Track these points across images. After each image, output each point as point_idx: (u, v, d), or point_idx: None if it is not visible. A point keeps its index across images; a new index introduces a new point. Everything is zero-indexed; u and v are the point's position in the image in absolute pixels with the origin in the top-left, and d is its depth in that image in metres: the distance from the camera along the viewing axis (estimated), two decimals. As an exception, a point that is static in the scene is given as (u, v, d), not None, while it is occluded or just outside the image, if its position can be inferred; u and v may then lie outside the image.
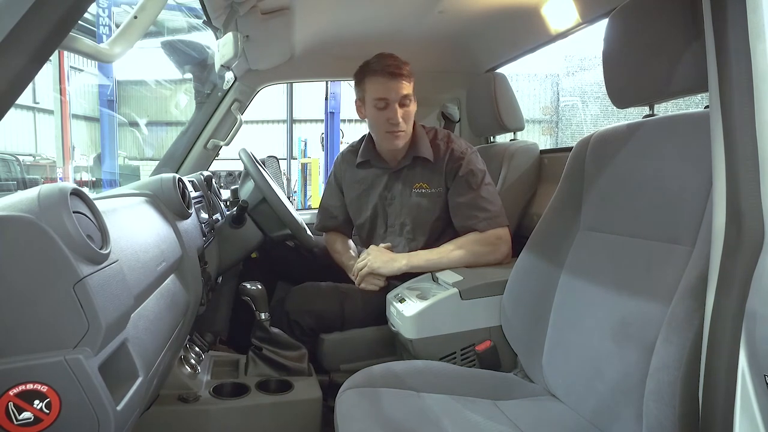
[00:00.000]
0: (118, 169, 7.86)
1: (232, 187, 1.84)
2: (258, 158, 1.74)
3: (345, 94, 6.86)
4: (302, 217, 1.77)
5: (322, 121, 7.19)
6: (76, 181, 7.91)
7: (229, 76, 2.06)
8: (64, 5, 0.62)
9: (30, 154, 10.41)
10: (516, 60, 2.14)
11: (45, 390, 0.57)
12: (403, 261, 1.51)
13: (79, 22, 0.68)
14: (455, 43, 2.06)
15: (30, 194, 0.61)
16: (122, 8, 6.73)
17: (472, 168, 1.55)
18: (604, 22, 1.06)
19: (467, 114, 2.17)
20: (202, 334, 1.56)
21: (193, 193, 1.42)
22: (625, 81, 1.03)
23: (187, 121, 2.19)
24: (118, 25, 0.84)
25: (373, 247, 1.57)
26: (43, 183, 0.83)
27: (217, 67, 1.55)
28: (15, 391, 0.56)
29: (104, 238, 0.69)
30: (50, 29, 0.61)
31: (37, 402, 0.57)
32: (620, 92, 1.05)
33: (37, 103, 10.53)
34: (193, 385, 1.26)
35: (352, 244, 1.81)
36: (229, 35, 1.43)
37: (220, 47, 1.47)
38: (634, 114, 1.13)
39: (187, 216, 1.24)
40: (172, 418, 1.20)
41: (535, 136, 11.98)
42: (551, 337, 1.13)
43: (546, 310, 1.15)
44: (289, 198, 5.21)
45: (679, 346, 0.76)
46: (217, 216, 1.71)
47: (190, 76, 2.27)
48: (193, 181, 1.54)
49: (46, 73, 7.11)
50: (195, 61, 2.23)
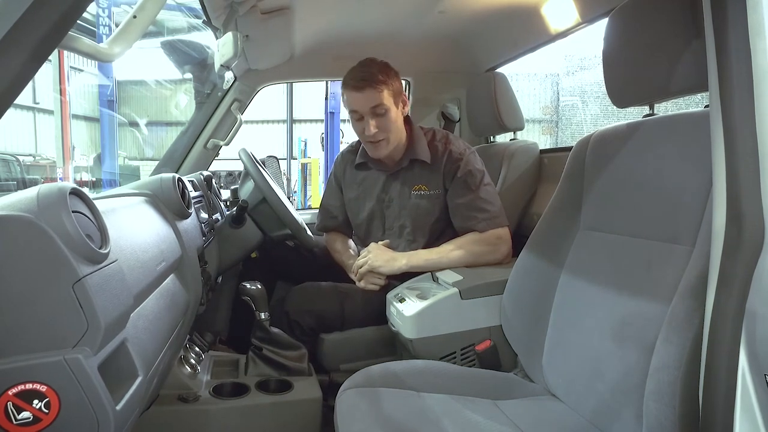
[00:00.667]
0: (118, 169, 7.86)
1: (232, 187, 1.84)
2: (258, 158, 1.74)
3: (345, 94, 6.83)
4: (302, 217, 1.77)
5: (322, 121, 7.18)
6: (76, 181, 7.91)
7: (229, 75, 2.06)
8: (64, 5, 0.62)
9: (30, 154, 10.41)
10: (516, 60, 2.14)
11: (44, 390, 0.57)
12: (403, 260, 1.50)
13: (78, 21, 0.68)
14: (455, 43, 2.06)
15: (29, 194, 0.61)
16: (122, 8, 6.73)
17: (470, 169, 1.54)
18: (604, 22, 1.06)
19: (467, 114, 2.17)
20: (202, 334, 1.56)
21: (193, 193, 1.42)
22: (625, 80, 1.03)
23: (187, 121, 2.19)
24: (117, 25, 0.84)
25: (373, 245, 1.57)
26: (43, 183, 0.83)
27: (217, 66, 1.55)
28: (14, 390, 0.56)
29: (104, 237, 0.69)
30: (49, 28, 0.61)
31: (36, 402, 0.57)
32: (620, 92, 1.05)
33: (37, 103, 10.54)
34: (193, 385, 1.26)
35: (352, 244, 1.81)
36: (229, 35, 1.43)
37: (220, 47, 1.47)
38: (634, 114, 1.13)
39: (187, 216, 1.24)
40: (171, 418, 1.20)
41: (535, 136, 12.00)
42: (551, 337, 1.13)
43: (546, 310, 1.15)
44: (289, 198, 5.21)
45: (679, 346, 0.76)
46: (217, 216, 1.71)
47: (190, 76, 2.27)
48: (192, 181, 1.54)
49: (46, 73, 7.11)
50: (195, 61, 2.23)
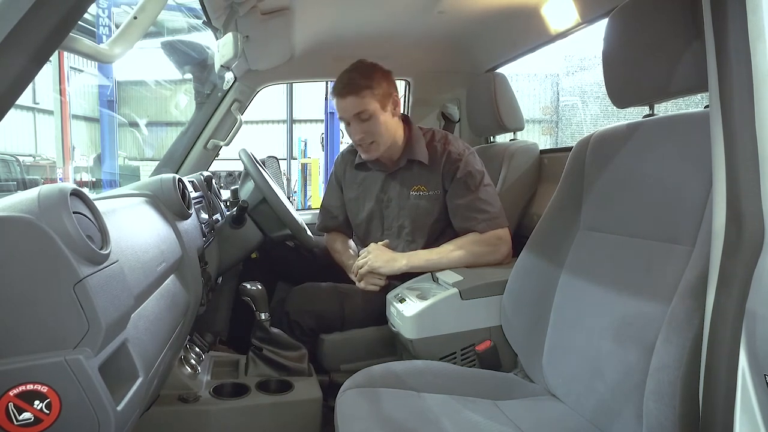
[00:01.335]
0: (118, 169, 7.86)
1: (232, 188, 1.84)
2: (258, 158, 1.74)
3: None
4: (302, 217, 1.77)
5: (322, 121, 7.19)
6: (76, 182, 7.90)
7: (229, 76, 2.06)
8: (64, 6, 0.62)
9: (30, 155, 10.40)
10: (516, 60, 2.14)
11: (45, 390, 0.57)
12: (404, 261, 1.50)
13: (78, 22, 0.68)
14: (455, 43, 2.06)
15: (30, 195, 0.61)
16: (122, 8, 6.74)
17: (470, 170, 1.54)
18: (604, 22, 1.06)
19: (467, 114, 2.17)
20: (202, 335, 1.56)
21: (193, 194, 1.42)
22: (625, 81, 1.03)
23: (187, 121, 2.19)
24: (117, 26, 0.84)
25: (373, 245, 1.57)
26: (43, 183, 0.83)
27: (217, 67, 1.55)
28: (15, 391, 0.56)
29: (104, 238, 0.69)
30: (50, 30, 0.61)
31: (37, 402, 0.57)
32: (620, 92, 1.05)
33: (37, 104, 10.53)
34: (193, 386, 1.26)
35: (352, 244, 1.81)
36: (229, 35, 1.43)
37: (220, 47, 1.47)
38: (634, 114, 1.13)
39: (187, 216, 1.24)
40: (172, 419, 1.20)
41: (535, 136, 11.99)
42: (551, 337, 1.13)
43: (546, 310, 1.15)
44: (289, 198, 5.21)
45: (679, 346, 0.76)
46: (217, 216, 1.71)
47: (190, 76, 2.27)
48: (193, 182, 1.54)
49: (46, 74, 7.11)
50: (195, 62, 2.22)
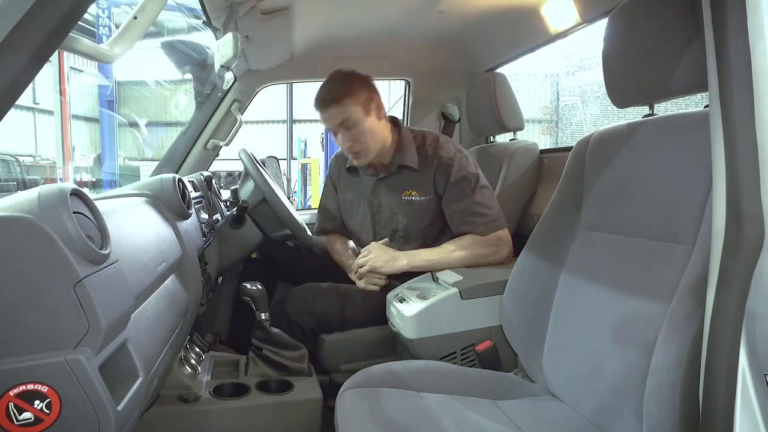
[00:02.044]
0: (118, 169, 7.87)
1: (232, 188, 1.84)
2: (258, 158, 1.74)
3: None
4: (302, 217, 1.78)
5: (322, 121, 7.17)
6: (76, 182, 7.90)
7: (229, 76, 2.06)
8: (64, 6, 0.62)
9: (30, 155, 10.40)
10: (516, 60, 2.14)
11: (45, 390, 0.57)
12: (404, 260, 1.50)
13: (78, 22, 0.68)
14: (455, 43, 2.06)
15: (30, 195, 0.61)
16: (122, 9, 6.75)
17: (464, 174, 1.52)
18: (604, 22, 1.06)
19: (467, 114, 2.17)
20: (203, 335, 1.57)
21: (193, 194, 1.43)
22: (624, 81, 1.03)
23: (187, 121, 2.19)
24: (117, 26, 0.84)
25: (374, 244, 1.56)
26: (43, 183, 0.83)
27: (217, 67, 1.55)
28: (15, 391, 0.56)
29: (104, 238, 0.69)
30: (50, 30, 0.61)
31: (37, 402, 0.57)
32: (620, 92, 1.05)
33: (37, 104, 10.52)
34: (194, 386, 1.27)
35: (351, 244, 1.80)
36: (229, 35, 1.43)
37: (220, 47, 1.47)
38: (634, 114, 1.13)
39: (187, 216, 1.24)
40: (172, 418, 1.21)
41: (535, 136, 11.99)
42: (551, 337, 1.13)
43: (546, 310, 1.15)
44: (289, 198, 5.20)
45: (680, 346, 0.76)
46: (217, 216, 1.71)
47: (190, 76, 2.27)
48: (193, 182, 1.54)
49: (46, 74, 7.12)
50: (195, 62, 2.22)
